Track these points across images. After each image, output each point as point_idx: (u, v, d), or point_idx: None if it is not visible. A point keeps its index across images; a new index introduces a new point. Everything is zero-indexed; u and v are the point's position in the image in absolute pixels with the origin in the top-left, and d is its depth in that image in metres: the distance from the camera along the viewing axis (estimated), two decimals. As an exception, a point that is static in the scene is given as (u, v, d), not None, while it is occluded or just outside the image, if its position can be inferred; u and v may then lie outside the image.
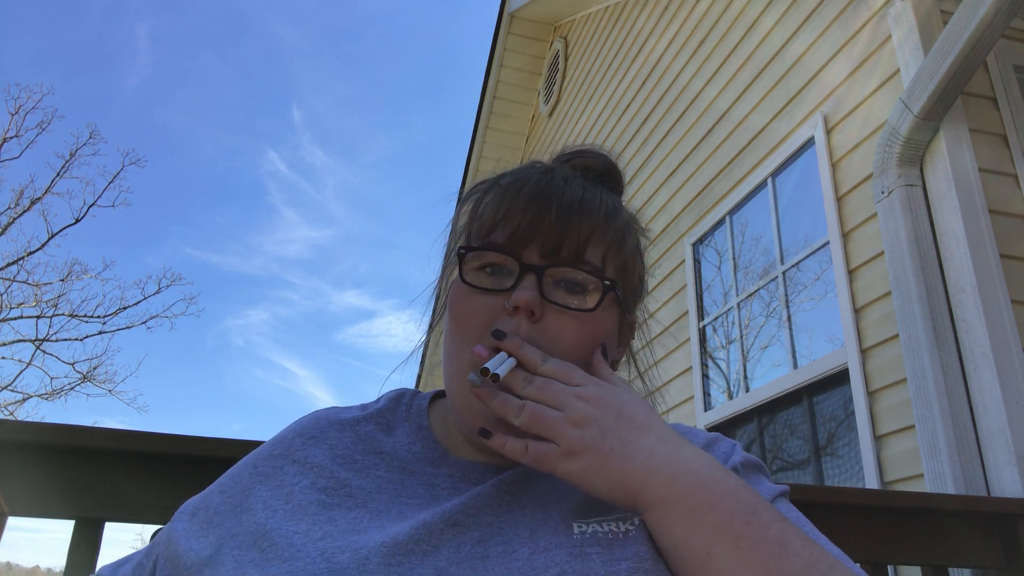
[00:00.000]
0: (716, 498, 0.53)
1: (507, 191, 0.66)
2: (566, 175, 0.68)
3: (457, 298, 0.66)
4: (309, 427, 0.69)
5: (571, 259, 0.64)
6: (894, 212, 2.18)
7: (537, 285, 0.62)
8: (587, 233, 0.64)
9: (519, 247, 0.64)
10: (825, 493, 1.51)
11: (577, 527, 0.58)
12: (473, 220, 0.68)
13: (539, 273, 0.63)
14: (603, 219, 0.66)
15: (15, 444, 1.00)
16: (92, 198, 15.69)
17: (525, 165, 0.71)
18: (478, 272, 0.65)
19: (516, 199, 0.65)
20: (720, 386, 3.48)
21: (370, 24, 39.42)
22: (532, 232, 0.63)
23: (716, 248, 3.60)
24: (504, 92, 6.64)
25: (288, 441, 0.68)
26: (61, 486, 1.01)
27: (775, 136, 3.11)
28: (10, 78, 23.09)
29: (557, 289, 0.64)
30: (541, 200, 0.64)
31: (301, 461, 0.65)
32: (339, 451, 0.66)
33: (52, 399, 14.60)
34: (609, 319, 0.67)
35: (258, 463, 0.67)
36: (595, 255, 0.65)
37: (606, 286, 0.64)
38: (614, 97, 4.96)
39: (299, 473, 0.64)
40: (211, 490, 0.68)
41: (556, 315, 0.63)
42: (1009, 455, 1.81)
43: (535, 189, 0.65)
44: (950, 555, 1.43)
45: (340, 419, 0.70)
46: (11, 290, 14.49)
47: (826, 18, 2.84)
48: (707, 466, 0.55)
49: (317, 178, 29.59)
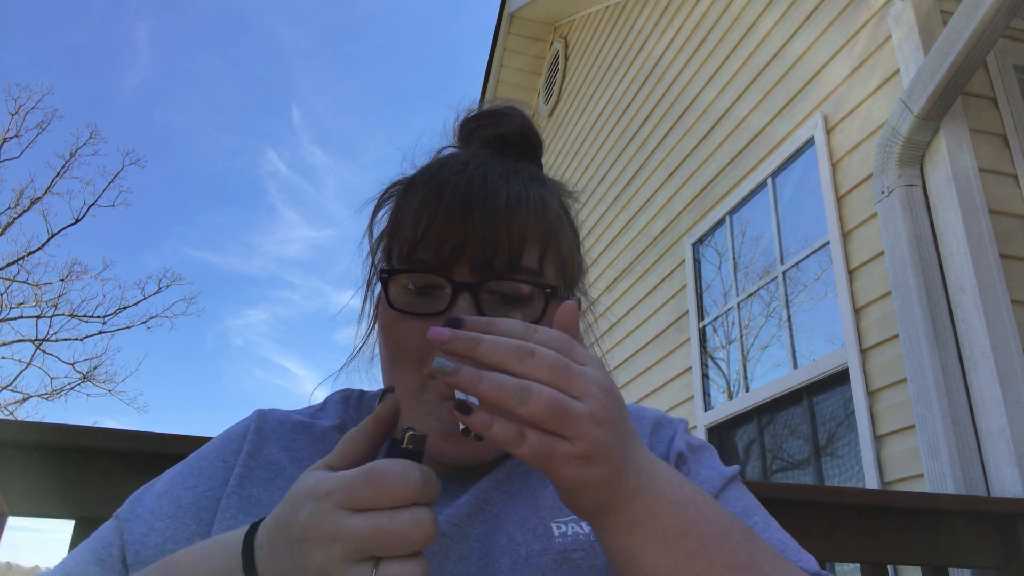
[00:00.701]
0: (688, 522, 0.48)
1: (425, 200, 0.60)
2: (485, 165, 0.62)
3: (388, 325, 0.61)
4: (262, 428, 0.66)
5: (506, 269, 0.58)
6: (894, 212, 2.18)
7: (474, 304, 0.57)
8: (519, 238, 0.58)
9: (447, 264, 0.58)
10: (825, 493, 1.51)
11: (556, 528, 0.57)
12: (394, 231, 0.63)
13: (474, 291, 0.57)
14: (534, 217, 0.60)
15: (15, 444, 1.00)
16: (92, 198, 15.69)
17: (441, 159, 0.65)
18: (406, 293, 0.60)
19: (436, 210, 0.58)
20: (720, 386, 3.48)
21: (370, 24, 39.60)
22: (459, 247, 0.58)
23: (716, 248, 3.60)
24: (504, 92, 6.64)
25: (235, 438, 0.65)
26: (61, 486, 1.01)
27: (775, 136, 3.11)
28: (10, 78, 23.10)
29: (496, 304, 0.59)
30: (464, 209, 0.58)
31: (266, 465, 0.63)
32: (295, 453, 0.64)
33: (52, 399, 14.60)
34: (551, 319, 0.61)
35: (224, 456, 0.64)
36: (532, 259, 0.60)
37: (548, 294, 0.59)
38: (614, 97, 4.96)
39: (267, 478, 0.62)
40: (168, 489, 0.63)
41: None
42: (1009, 455, 1.81)
43: (455, 195, 0.58)
44: (950, 555, 1.44)
45: (292, 420, 0.67)
46: (11, 290, 14.50)
47: (826, 18, 2.84)
48: (678, 483, 0.49)
49: (317, 178, 29.69)
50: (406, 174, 0.67)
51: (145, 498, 0.63)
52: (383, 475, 0.41)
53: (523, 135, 0.69)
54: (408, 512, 0.41)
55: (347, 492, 0.41)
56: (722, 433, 3.36)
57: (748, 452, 3.18)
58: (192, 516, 0.60)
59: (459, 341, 0.43)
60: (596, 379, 0.45)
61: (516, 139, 0.69)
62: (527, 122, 0.70)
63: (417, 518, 0.41)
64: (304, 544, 0.41)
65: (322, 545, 0.40)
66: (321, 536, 0.40)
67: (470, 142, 0.70)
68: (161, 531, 0.59)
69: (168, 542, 0.58)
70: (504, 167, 0.63)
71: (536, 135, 0.71)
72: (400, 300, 0.60)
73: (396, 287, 0.60)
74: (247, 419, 0.68)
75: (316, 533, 0.41)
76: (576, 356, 0.46)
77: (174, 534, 0.59)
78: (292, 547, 0.42)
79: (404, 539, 0.40)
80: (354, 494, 0.41)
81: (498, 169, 0.62)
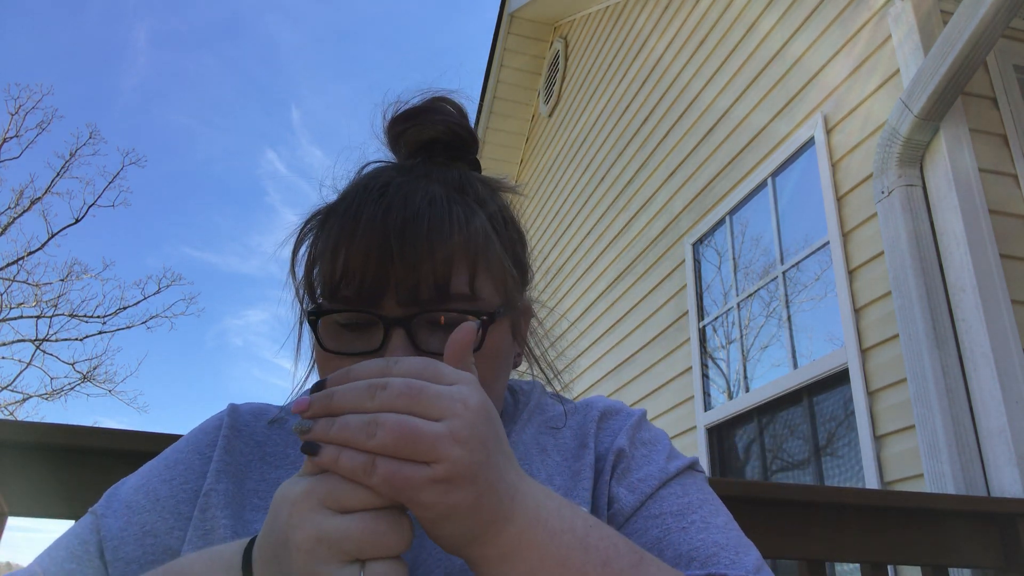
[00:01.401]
0: (566, 550, 0.44)
1: (342, 234, 0.56)
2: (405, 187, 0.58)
3: (323, 365, 0.58)
4: (235, 423, 0.65)
5: (435, 300, 0.55)
6: (894, 212, 2.18)
7: (408, 340, 0.54)
8: (443, 266, 0.55)
9: (374, 299, 0.55)
10: (825, 493, 1.51)
11: None
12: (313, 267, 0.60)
13: (406, 325, 0.54)
14: (460, 239, 0.56)
15: (15, 444, 1.00)
16: (92, 198, 15.69)
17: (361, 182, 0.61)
18: (337, 330, 0.57)
19: (352, 246, 0.55)
20: (720, 386, 3.48)
21: (369, 25, 39.38)
22: (381, 282, 0.54)
23: (716, 248, 3.60)
24: (504, 92, 6.64)
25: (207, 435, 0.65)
26: (61, 486, 1.01)
27: (775, 136, 3.11)
28: (10, 78, 23.09)
29: (432, 335, 0.55)
30: (380, 244, 0.54)
31: (238, 462, 0.62)
32: (268, 449, 0.64)
33: (52, 399, 14.61)
34: (497, 337, 0.58)
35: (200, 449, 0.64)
36: (462, 284, 0.56)
37: (483, 321, 0.55)
38: (614, 97, 4.96)
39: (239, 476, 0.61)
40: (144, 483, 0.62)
41: None
42: (1009, 455, 1.81)
43: (370, 228, 0.55)
44: (950, 555, 1.44)
45: (267, 417, 0.67)
46: (11, 290, 14.50)
47: (826, 18, 2.84)
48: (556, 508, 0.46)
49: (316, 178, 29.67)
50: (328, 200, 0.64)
51: (120, 492, 0.62)
52: None
53: (452, 134, 0.65)
54: (390, 513, 0.41)
55: (328, 493, 0.41)
56: (722, 433, 3.36)
57: (748, 452, 3.18)
58: (170, 510, 0.59)
59: (315, 403, 0.43)
60: (461, 397, 0.42)
61: (445, 140, 0.65)
62: (456, 119, 0.65)
63: (399, 520, 0.41)
64: (289, 547, 0.41)
65: (308, 547, 0.40)
66: (306, 538, 0.40)
67: (398, 148, 0.67)
68: (140, 524, 0.59)
69: (147, 536, 0.58)
70: (429, 183, 0.59)
71: (467, 131, 0.66)
72: (331, 338, 0.57)
73: (327, 324, 0.57)
74: (220, 413, 0.67)
75: (300, 536, 0.40)
76: (442, 378, 0.43)
77: (153, 528, 0.58)
78: (279, 552, 0.42)
79: (389, 541, 0.40)
80: (335, 494, 0.40)
81: (420, 188, 0.58)
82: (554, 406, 0.70)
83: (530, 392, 0.72)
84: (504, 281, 0.60)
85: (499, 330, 0.59)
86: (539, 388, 0.73)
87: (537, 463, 0.63)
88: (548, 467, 0.63)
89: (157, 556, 0.58)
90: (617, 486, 0.61)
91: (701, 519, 0.59)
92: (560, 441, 0.66)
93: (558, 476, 0.62)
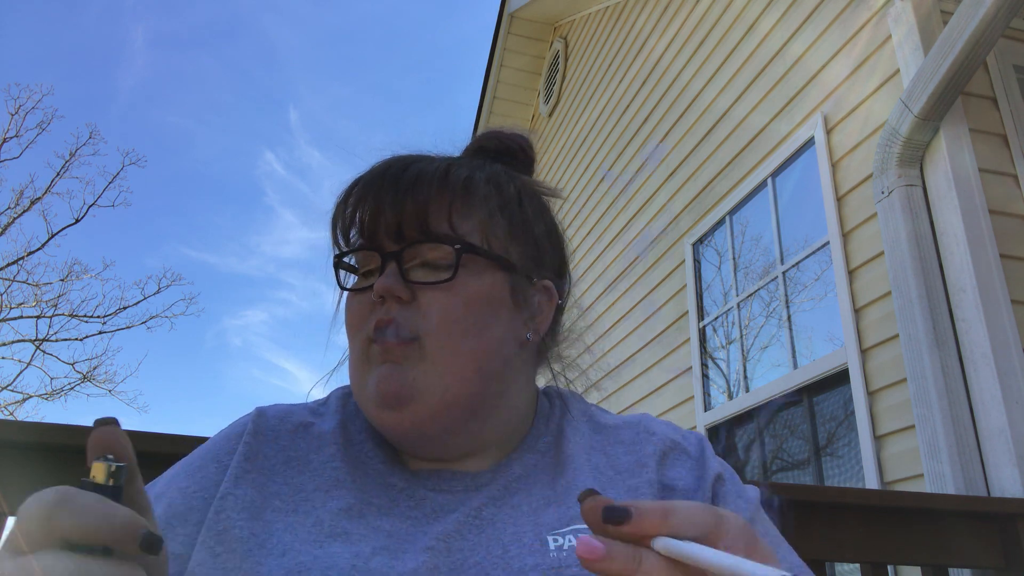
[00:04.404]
0: None
1: (351, 188, 0.66)
2: (415, 158, 0.66)
3: (345, 307, 0.66)
4: (260, 428, 0.66)
5: (417, 236, 0.62)
6: (894, 212, 2.18)
7: (397, 270, 0.61)
8: (422, 204, 0.62)
9: (374, 239, 0.64)
10: (825, 493, 1.51)
11: (552, 541, 0.56)
12: (335, 226, 0.68)
13: (398, 258, 0.62)
14: (437, 184, 0.63)
15: (15, 444, 1.00)
16: (92, 198, 15.69)
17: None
18: (359, 280, 0.66)
19: (353, 194, 0.65)
20: (720, 386, 3.48)
21: (368, 25, 39.38)
22: (375, 221, 0.63)
23: (716, 248, 3.60)
24: (504, 92, 6.64)
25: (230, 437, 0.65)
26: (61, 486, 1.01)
27: (775, 136, 3.11)
28: (10, 78, 23.09)
29: (420, 269, 0.63)
30: (375, 187, 0.64)
31: (250, 456, 0.62)
32: (292, 454, 0.64)
33: (52, 399, 14.60)
34: (485, 284, 0.63)
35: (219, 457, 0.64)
36: (440, 223, 0.63)
37: (457, 250, 0.61)
38: (614, 97, 4.96)
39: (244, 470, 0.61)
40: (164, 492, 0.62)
41: (424, 293, 0.61)
42: (1009, 455, 1.81)
43: (369, 180, 0.64)
44: (950, 555, 1.44)
45: (293, 421, 0.67)
46: (11, 290, 14.50)
47: (826, 18, 2.84)
48: None
49: (314, 179, 29.53)
50: None
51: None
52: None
53: (502, 147, 0.74)
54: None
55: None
56: (722, 433, 3.36)
57: (748, 452, 3.18)
58: (180, 519, 0.59)
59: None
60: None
61: (494, 150, 0.74)
62: (509, 138, 0.74)
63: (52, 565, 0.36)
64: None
65: None
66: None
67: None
68: None
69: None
70: (448, 159, 0.67)
71: (517, 148, 0.74)
72: (348, 283, 0.66)
73: (345, 272, 0.67)
74: (245, 417, 0.68)
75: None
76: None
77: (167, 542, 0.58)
78: None
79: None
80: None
81: (430, 160, 0.66)
82: (604, 415, 0.72)
83: (569, 399, 0.73)
84: (497, 235, 0.65)
85: (485, 276, 0.63)
86: (579, 397, 0.74)
87: (587, 473, 0.64)
88: (600, 481, 0.63)
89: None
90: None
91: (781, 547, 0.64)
92: (612, 455, 0.66)
93: (611, 490, 0.63)
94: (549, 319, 0.69)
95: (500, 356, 0.63)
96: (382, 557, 0.54)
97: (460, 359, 0.60)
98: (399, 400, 0.59)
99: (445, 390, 0.60)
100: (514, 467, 0.64)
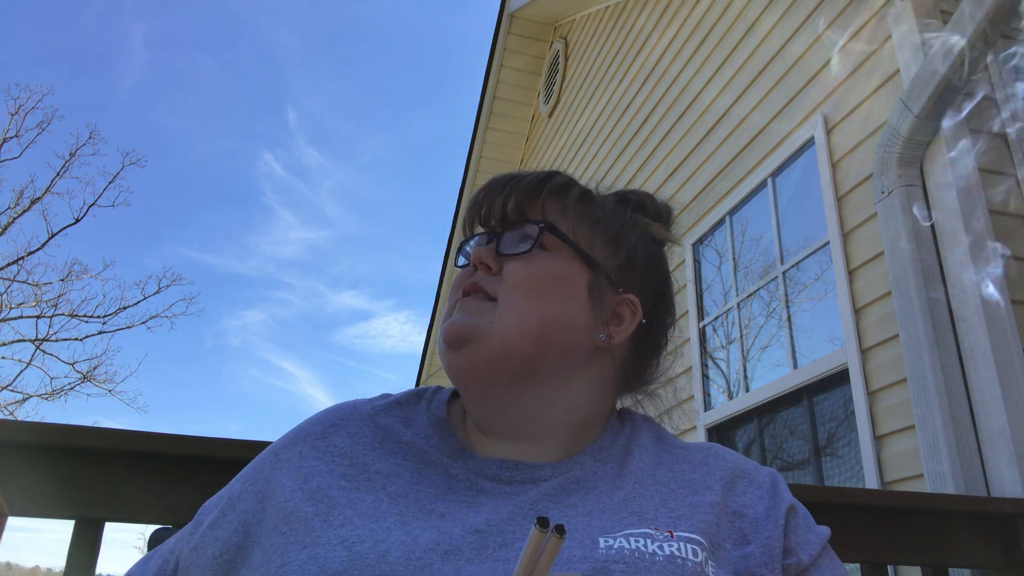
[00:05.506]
0: None
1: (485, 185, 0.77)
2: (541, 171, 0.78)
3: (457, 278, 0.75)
4: (329, 416, 0.71)
5: (515, 219, 0.73)
6: (894, 212, 2.18)
7: (494, 244, 0.72)
8: (524, 195, 0.73)
9: (487, 223, 0.75)
10: (825, 493, 1.51)
11: (603, 541, 0.58)
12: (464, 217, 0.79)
13: (497, 236, 0.73)
14: (540, 183, 0.74)
15: (15, 444, 1.00)
16: (92, 198, 15.68)
17: None
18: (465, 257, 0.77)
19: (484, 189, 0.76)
20: (720, 386, 3.48)
21: (367, 25, 39.09)
22: (489, 208, 0.75)
23: (716, 248, 3.60)
24: (504, 92, 6.64)
25: (308, 429, 0.70)
26: (61, 486, 1.01)
27: (775, 136, 3.11)
28: (10, 78, 23.10)
29: (511, 244, 0.72)
30: (496, 183, 0.76)
31: (320, 447, 0.67)
32: (358, 439, 0.68)
33: (52, 399, 14.58)
34: (562, 267, 0.70)
35: (279, 451, 0.69)
36: (535, 211, 0.73)
37: (540, 228, 0.71)
38: (614, 97, 4.96)
39: (317, 457, 0.66)
40: (232, 482, 0.70)
41: (509, 263, 0.70)
42: (1009, 455, 1.81)
43: (498, 177, 0.76)
44: (950, 555, 1.43)
45: (360, 410, 0.72)
46: (11, 290, 14.48)
47: (826, 18, 2.84)
48: None
49: (313, 179, 29.51)
50: None
51: (202, 510, 0.70)
52: None
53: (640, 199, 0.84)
54: None
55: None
56: (722, 433, 3.36)
57: (748, 452, 3.18)
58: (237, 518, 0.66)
59: None
60: None
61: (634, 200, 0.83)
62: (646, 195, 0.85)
63: None
64: None
65: None
66: None
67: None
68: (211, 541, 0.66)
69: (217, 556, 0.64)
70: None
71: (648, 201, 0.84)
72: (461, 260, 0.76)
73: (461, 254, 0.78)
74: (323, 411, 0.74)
75: None
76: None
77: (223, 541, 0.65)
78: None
79: None
80: None
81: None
82: (675, 439, 0.76)
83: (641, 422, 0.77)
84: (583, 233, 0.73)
85: (564, 260, 0.71)
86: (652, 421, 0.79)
87: (649, 486, 0.66)
88: (662, 492, 0.66)
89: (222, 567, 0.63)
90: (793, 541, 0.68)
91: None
92: (678, 471, 0.69)
93: (672, 502, 0.65)
94: (628, 332, 0.74)
95: (564, 333, 0.68)
96: (431, 534, 0.57)
97: (523, 318, 0.66)
98: (460, 340, 0.66)
99: (504, 340, 0.65)
100: (575, 469, 0.66)
